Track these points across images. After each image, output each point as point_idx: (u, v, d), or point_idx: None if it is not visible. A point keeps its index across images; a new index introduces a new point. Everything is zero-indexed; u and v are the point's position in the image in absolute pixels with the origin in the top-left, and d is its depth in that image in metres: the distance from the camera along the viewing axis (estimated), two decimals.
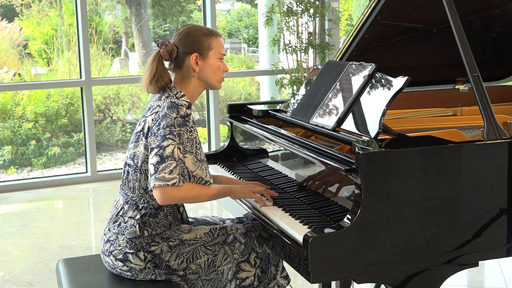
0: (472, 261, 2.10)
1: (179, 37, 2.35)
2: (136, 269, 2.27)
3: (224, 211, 4.93)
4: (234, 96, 8.79)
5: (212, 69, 2.35)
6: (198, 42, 2.33)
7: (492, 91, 2.82)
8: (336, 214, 2.12)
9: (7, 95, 7.18)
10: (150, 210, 2.28)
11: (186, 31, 2.35)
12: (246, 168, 2.87)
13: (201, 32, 2.35)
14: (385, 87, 2.25)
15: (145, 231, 2.26)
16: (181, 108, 2.24)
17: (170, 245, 2.27)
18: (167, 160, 2.16)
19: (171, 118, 2.20)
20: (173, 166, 2.16)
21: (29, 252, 4.16)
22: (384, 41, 3.06)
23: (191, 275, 2.29)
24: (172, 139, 2.18)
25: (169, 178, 2.15)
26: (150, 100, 2.38)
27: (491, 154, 2.08)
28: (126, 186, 2.33)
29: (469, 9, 3.03)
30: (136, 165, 2.28)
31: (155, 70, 2.33)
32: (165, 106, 2.24)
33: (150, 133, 2.23)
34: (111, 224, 2.33)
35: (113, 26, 9.45)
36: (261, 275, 2.35)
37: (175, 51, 2.34)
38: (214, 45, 2.35)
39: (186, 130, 2.23)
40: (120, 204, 2.34)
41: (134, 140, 2.32)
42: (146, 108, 2.35)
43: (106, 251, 2.32)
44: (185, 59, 2.34)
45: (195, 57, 2.32)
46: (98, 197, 5.60)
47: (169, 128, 2.19)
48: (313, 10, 6.29)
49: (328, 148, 2.18)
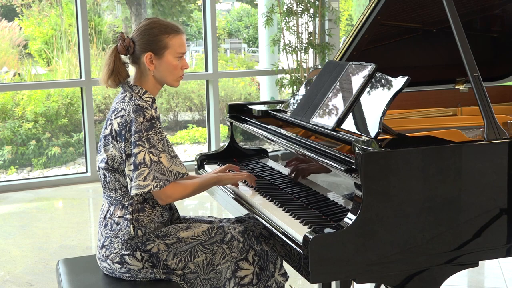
0: (472, 261, 2.10)
1: (137, 33, 2.30)
2: (135, 270, 2.27)
3: (224, 211, 4.93)
4: (234, 96, 8.79)
5: (168, 69, 2.29)
6: (154, 41, 2.27)
7: (492, 91, 2.82)
8: (336, 214, 2.12)
9: (7, 95, 7.18)
10: (137, 205, 2.27)
11: (144, 28, 2.29)
12: (246, 168, 2.87)
13: (158, 29, 2.28)
14: (385, 87, 2.25)
15: (138, 230, 2.26)
16: (146, 111, 2.20)
17: (167, 243, 2.27)
18: (140, 167, 2.16)
19: (138, 123, 2.18)
20: (146, 173, 2.17)
21: (29, 252, 4.16)
22: (384, 41, 3.06)
23: (190, 274, 2.29)
24: (141, 145, 2.17)
25: (143, 185, 2.16)
26: (113, 101, 2.34)
27: (491, 154, 2.08)
28: (107, 188, 2.32)
29: (469, 9, 3.03)
30: (112, 167, 2.26)
31: (112, 66, 2.28)
32: (130, 109, 2.21)
33: (119, 137, 2.22)
34: (102, 229, 2.32)
35: (113, 26, 9.45)
36: (259, 273, 2.36)
37: (131, 46, 2.29)
38: (171, 44, 2.28)
39: (154, 133, 2.20)
40: (106, 207, 2.34)
41: (104, 144, 2.28)
42: (111, 110, 2.30)
43: (103, 257, 2.31)
44: (141, 56, 2.29)
45: (150, 56, 2.27)
46: (98, 197, 5.60)
47: (137, 135, 2.17)
48: (313, 10, 6.30)
49: (328, 148, 2.18)
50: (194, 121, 8.41)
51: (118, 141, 2.22)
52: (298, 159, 2.43)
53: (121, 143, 2.21)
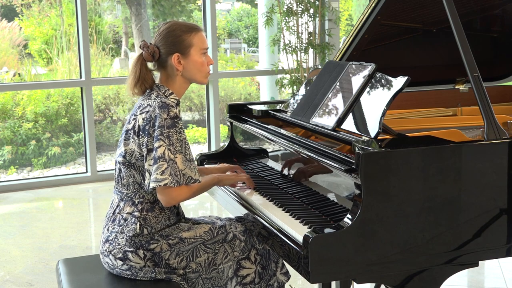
0: (472, 261, 2.10)
1: (159, 37, 2.35)
2: (136, 268, 2.27)
3: (224, 211, 4.93)
4: (234, 96, 8.79)
5: (196, 66, 2.35)
6: (178, 41, 2.32)
7: (492, 91, 2.82)
8: (336, 214, 2.12)
9: (7, 95, 7.18)
10: (146, 204, 2.29)
11: (166, 31, 2.34)
12: (246, 168, 2.87)
13: (180, 30, 2.33)
14: (385, 87, 2.25)
15: (145, 229, 2.27)
16: (171, 109, 2.24)
17: (170, 243, 2.28)
18: (159, 161, 2.19)
19: (162, 119, 2.21)
20: (164, 167, 2.18)
21: (29, 252, 4.16)
22: (384, 41, 3.06)
23: (192, 273, 2.30)
24: (162, 140, 2.20)
25: (160, 179, 2.18)
26: (139, 99, 2.39)
27: (491, 154, 2.08)
28: (120, 184, 2.34)
29: (469, 9, 3.03)
30: (129, 162, 2.29)
31: (138, 74, 2.33)
32: (155, 105, 2.25)
33: (143, 132, 2.25)
34: (110, 223, 2.33)
35: (113, 26, 9.45)
36: (261, 272, 2.37)
37: (156, 52, 2.34)
38: (195, 42, 2.34)
39: (175, 132, 2.23)
40: (116, 202, 2.36)
41: (124, 138, 2.32)
42: (136, 106, 2.35)
43: (105, 251, 2.32)
44: (168, 59, 2.33)
45: (177, 57, 2.32)
46: (98, 197, 5.60)
47: (160, 129, 2.21)
48: (313, 10, 6.30)
49: (328, 148, 2.18)
50: (194, 121, 8.41)
51: (140, 136, 2.25)
52: (298, 159, 2.43)
53: (144, 138, 2.24)
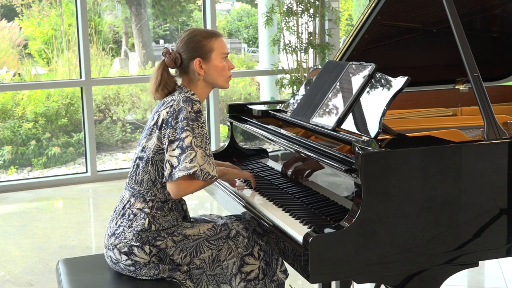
0: (472, 261, 2.10)
1: (181, 43, 2.42)
2: (140, 263, 2.28)
3: (224, 211, 4.93)
4: (234, 96, 8.79)
5: (217, 70, 2.41)
6: (199, 47, 2.39)
7: (492, 91, 2.82)
8: (336, 214, 2.12)
9: (7, 95, 7.18)
10: (157, 203, 2.32)
11: (187, 37, 2.41)
12: (246, 168, 2.87)
13: (201, 35, 2.40)
14: (385, 87, 2.25)
15: (153, 225, 2.30)
16: (195, 104, 2.30)
17: (175, 240, 2.31)
18: (187, 150, 2.23)
19: (187, 112, 2.27)
20: (193, 156, 2.23)
21: (29, 252, 4.16)
22: (384, 41, 3.06)
23: (196, 270, 2.32)
24: (189, 131, 2.25)
25: (190, 167, 2.22)
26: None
27: (491, 154, 2.08)
28: (133, 180, 2.37)
29: (469, 9, 3.03)
30: (148, 156, 2.33)
31: (160, 78, 2.40)
32: (180, 99, 2.31)
33: (166, 125, 2.29)
34: (118, 218, 2.36)
35: (113, 26, 9.45)
36: (265, 268, 2.41)
37: (178, 58, 2.41)
38: (216, 46, 2.40)
39: (197, 126, 2.27)
40: (126, 198, 2.39)
41: (147, 134, 2.37)
42: (158, 104, 2.41)
43: (111, 245, 2.34)
44: (190, 64, 2.40)
45: (199, 61, 2.38)
46: (98, 197, 5.60)
47: (186, 121, 2.26)
48: (313, 10, 6.30)
49: (328, 148, 2.18)
50: None
51: (163, 128, 2.30)
52: (298, 159, 2.44)
53: (167, 130, 2.28)
